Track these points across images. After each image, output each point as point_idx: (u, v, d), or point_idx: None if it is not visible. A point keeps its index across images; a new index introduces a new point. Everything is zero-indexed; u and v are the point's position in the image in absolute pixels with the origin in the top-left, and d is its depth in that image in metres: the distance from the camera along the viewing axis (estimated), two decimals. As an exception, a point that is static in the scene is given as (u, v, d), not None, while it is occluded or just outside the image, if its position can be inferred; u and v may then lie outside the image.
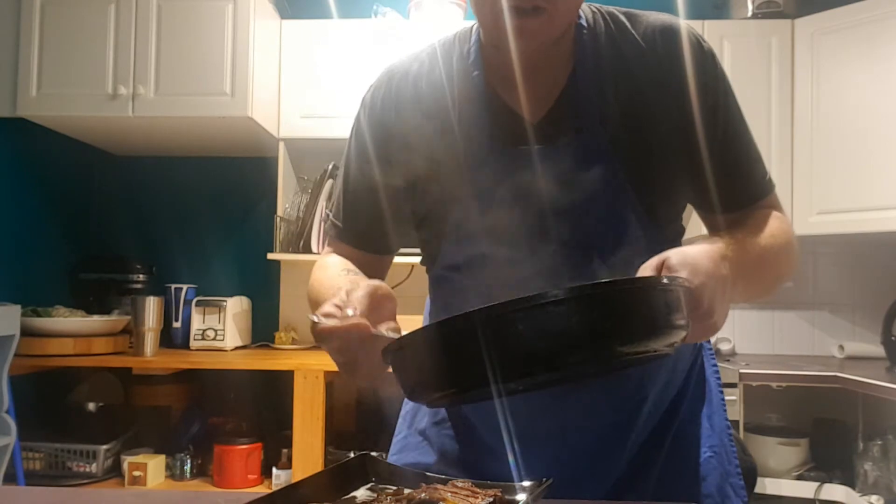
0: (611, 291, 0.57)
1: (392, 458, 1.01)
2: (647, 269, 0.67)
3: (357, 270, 0.88)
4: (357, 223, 0.95)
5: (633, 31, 0.85)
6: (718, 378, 0.99)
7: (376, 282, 0.71)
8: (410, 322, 1.04)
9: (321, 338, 0.66)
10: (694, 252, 0.67)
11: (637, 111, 0.83)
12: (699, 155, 0.84)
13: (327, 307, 0.67)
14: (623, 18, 0.86)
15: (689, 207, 0.94)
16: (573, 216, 0.83)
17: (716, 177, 0.85)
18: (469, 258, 0.88)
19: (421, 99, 0.89)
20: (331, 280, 0.87)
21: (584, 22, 0.85)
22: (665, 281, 0.60)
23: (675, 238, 0.91)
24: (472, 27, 0.90)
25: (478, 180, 0.85)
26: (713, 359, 1.01)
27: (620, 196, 0.82)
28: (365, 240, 0.96)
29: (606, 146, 0.82)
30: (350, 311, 0.66)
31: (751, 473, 0.98)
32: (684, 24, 0.86)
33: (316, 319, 0.66)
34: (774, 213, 0.87)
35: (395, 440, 1.05)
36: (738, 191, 0.87)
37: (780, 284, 0.86)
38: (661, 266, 0.66)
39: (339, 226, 0.96)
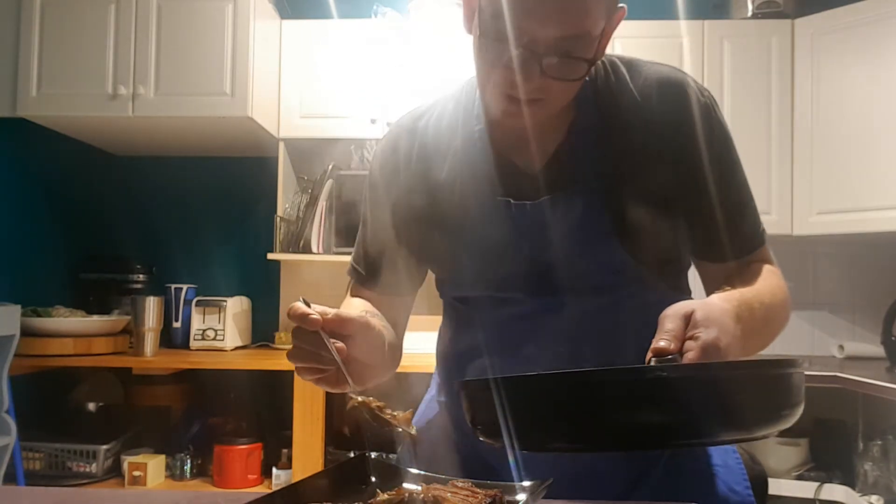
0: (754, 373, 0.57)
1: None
2: (665, 321, 0.67)
3: (376, 312, 0.92)
4: (374, 267, 0.98)
5: (630, 84, 0.86)
6: None
7: (358, 313, 0.79)
8: (420, 321, 1.06)
9: (296, 317, 0.72)
10: (714, 309, 0.68)
11: (632, 164, 0.84)
12: (695, 206, 0.86)
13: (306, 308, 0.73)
14: (623, 69, 0.88)
15: None
16: (568, 264, 0.85)
17: (711, 228, 0.86)
18: (476, 296, 0.92)
19: (426, 150, 0.93)
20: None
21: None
22: (799, 367, 0.60)
23: (675, 284, 0.93)
24: None
25: (474, 229, 0.88)
26: None
27: (610, 245, 0.84)
28: (382, 284, 0.98)
29: (600, 199, 0.84)
30: (331, 312, 0.73)
31: (761, 481, 0.96)
32: (683, 76, 0.88)
33: (300, 304, 0.72)
34: (770, 269, 0.89)
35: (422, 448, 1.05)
36: (734, 242, 0.88)
37: (772, 340, 0.88)
38: (689, 317, 0.67)
39: (359, 271, 1.00)
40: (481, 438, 0.66)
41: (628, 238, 0.84)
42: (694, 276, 0.96)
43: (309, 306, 0.72)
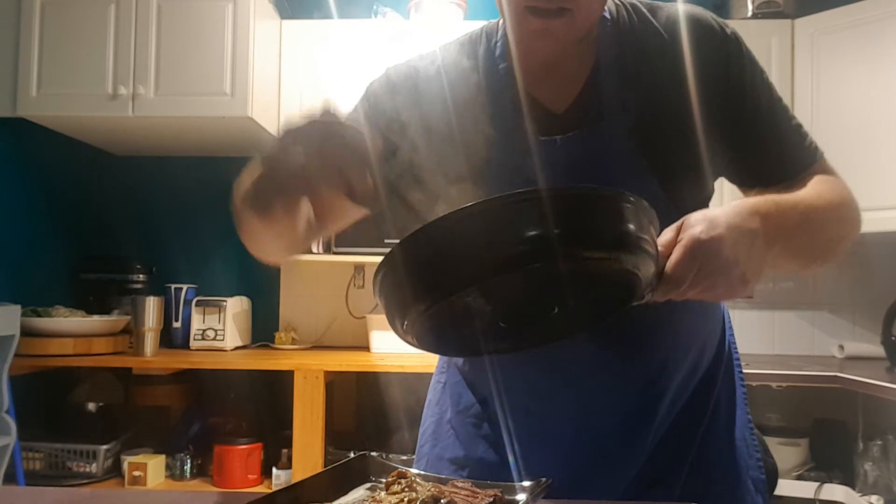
0: (574, 194, 0.57)
1: (421, 449, 1.01)
2: (667, 231, 0.67)
3: None
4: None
5: (654, 22, 0.86)
6: (741, 371, 0.99)
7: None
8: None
9: (284, 140, 0.63)
10: (717, 210, 0.67)
11: (660, 99, 0.84)
12: (730, 135, 0.85)
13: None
14: (644, 10, 0.88)
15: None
16: None
17: (752, 154, 0.85)
18: None
19: (445, 90, 0.89)
20: None
21: (607, 14, 0.87)
22: (630, 197, 0.60)
23: None
24: (499, 21, 0.91)
25: (501, 167, 0.86)
26: (736, 352, 1.01)
27: (642, 180, 0.83)
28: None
29: (629, 133, 0.83)
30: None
31: (773, 475, 0.97)
32: (705, 11, 0.88)
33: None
34: (821, 176, 0.86)
35: (422, 429, 1.04)
36: (779, 165, 0.87)
37: (838, 249, 0.84)
38: (681, 226, 0.66)
39: None
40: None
41: (659, 171, 0.83)
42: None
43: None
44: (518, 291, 0.64)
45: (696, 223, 0.65)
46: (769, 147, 0.86)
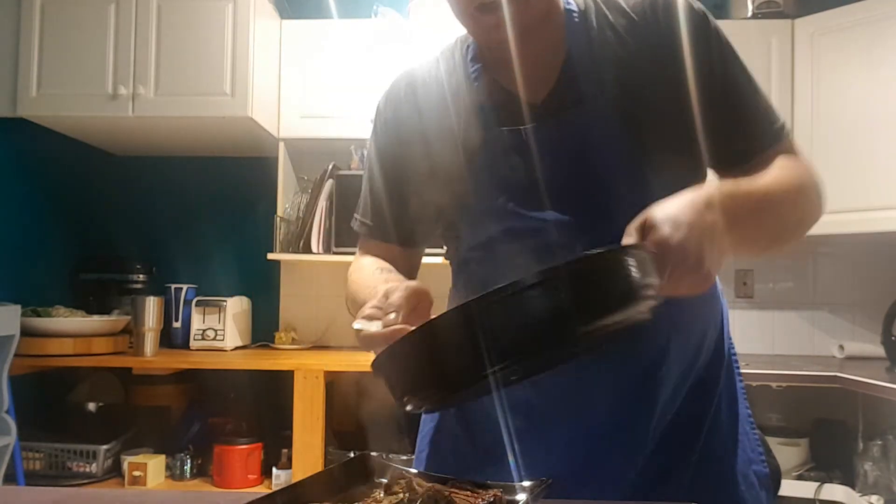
0: (555, 276, 0.57)
1: (420, 455, 1.02)
2: (630, 231, 0.67)
3: (391, 267, 0.92)
4: (384, 219, 0.98)
5: (623, 4, 0.88)
6: (738, 367, 1.00)
7: (414, 283, 0.74)
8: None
9: (366, 343, 0.68)
10: (676, 204, 0.66)
11: (635, 80, 0.85)
12: (701, 112, 0.85)
13: (368, 310, 0.70)
14: None
15: None
16: (585, 185, 0.85)
17: (721, 131, 0.85)
18: (488, 238, 0.90)
19: (428, 96, 0.94)
20: (367, 280, 0.91)
21: (573, 7, 0.88)
22: (617, 251, 0.60)
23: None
24: None
25: (482, 163, 0.88)
26: (733, 346, 1.01)
27: (629, 159, 0.84)
28: (393, 234, 0.98)
29: (611, 114, 0.84)
30: (392, 316, 0.68)
31: (776, 474, 0.97)
32: None
33: (360, 327, 0.69)
34: (784, 157, 0.86)
35: (421, 434, 1.04)
36: (746, 142, 0.87)
37: (797, 231, 0.85)
38: (643, 225, 0.66)
39: (367, 224, 1.00)
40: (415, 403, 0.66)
41: (646, 152, 0.84)
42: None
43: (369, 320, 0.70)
44: (534, 368, 0.66)
45: (661, 224, 0.64)
46: (740, 122, 0.86)
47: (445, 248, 1.02)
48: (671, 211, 0.66)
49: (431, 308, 0.73)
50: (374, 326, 0.68)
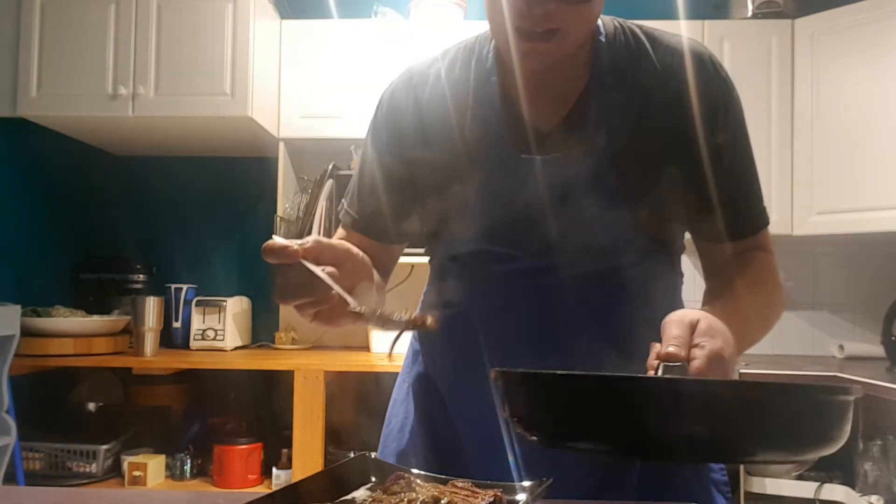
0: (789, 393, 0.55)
1: (386, 448, 1.02)
2: (671, 327, 0.67)
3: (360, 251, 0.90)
4: (367, 211, 0.97)
5: (651, 52, 0.86)
6: None
7: (340, 241, 0.74)
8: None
9: (266, 253, 0.66)
10: (719, 322, 0.68)
11: (646, 130, 0.84)
12: (700, 183, 0.85)
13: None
14: (643, 38, 0.87)
15: None
16: (569, 222, 0.85)
17: (713, 206, 0.86)
18: (471, 251, 0.91)
19: (438, 98, 0.91)
20: None
21: (603, 36, 0.87)
22: (842, 390, 0.58)
23: (669, 254, 0.93)
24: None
25: (481, 181, 0.87)
26: None
27: (613, 211, 0.84)
28: (374, 229, 0.97)
29: (610, 161, 0.84)
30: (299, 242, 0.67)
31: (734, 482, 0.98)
32: (705, 50, 0.87)
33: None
34: (768, 266, 0.89)
35: (387, 429, 1.04)
36: (734, 224, 0.88)
37: (764, 335, 0.88)
38: (694, 325, 0.67)
39: (351, 214, 0.99)
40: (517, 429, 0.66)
41: (632, 203, 0.84)
42: (686, 267, 0.97)
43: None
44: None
45: (716, 334, 0.66)
46: (734, 203, 0.88)
47: (426, 247, 1.02)
48: (721, 327, 0.68)
49: (343, 258, 0.71)
50: (279, 242, 0.65)
